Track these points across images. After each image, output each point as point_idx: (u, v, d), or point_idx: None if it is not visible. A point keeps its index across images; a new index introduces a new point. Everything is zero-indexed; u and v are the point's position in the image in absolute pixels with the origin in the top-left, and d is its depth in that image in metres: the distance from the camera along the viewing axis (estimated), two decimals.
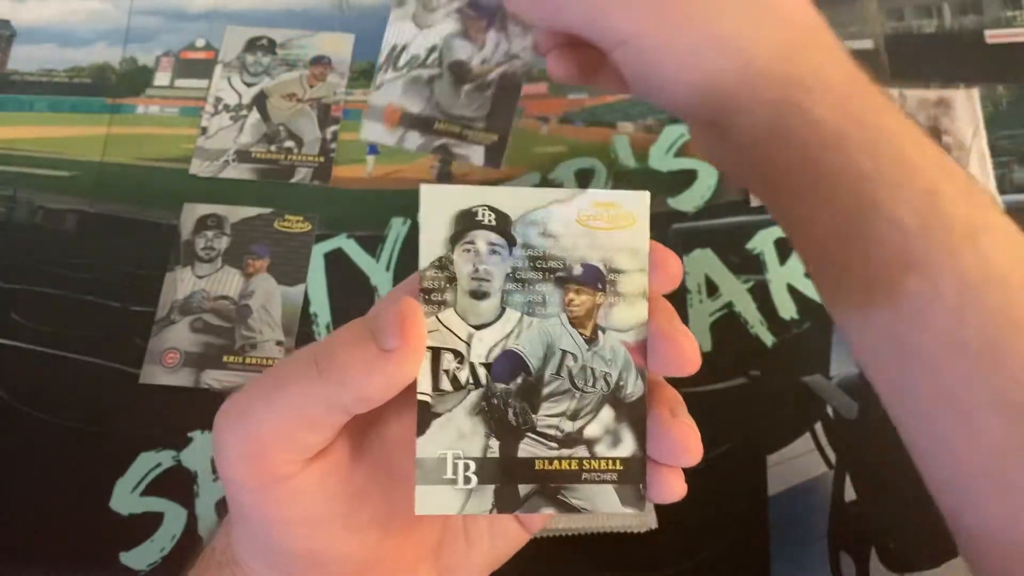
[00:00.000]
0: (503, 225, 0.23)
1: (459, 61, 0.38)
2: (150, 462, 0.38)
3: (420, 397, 0.22)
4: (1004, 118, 0.45)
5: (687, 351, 0.22)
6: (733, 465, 0.37)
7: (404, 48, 0.39)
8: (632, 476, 0.23)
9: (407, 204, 0.43)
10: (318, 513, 0.23)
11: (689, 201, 0.43)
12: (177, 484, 0.37)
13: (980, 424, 0.26)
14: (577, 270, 0.23)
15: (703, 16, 0.30)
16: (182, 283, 0.41)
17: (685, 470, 0.29)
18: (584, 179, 0.44)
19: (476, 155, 0.38)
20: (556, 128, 0.46)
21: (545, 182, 0.44)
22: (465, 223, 0.23)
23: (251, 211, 0.43)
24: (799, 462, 0.38)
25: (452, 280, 0.23)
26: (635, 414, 0.23)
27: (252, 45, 0.47)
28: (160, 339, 0.40)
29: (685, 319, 0.40)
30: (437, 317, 0.22)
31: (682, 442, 0.22)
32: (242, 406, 0.22)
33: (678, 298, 0.41)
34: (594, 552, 0.35)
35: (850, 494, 0.37)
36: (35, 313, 0.41)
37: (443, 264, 0.23)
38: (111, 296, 0.41)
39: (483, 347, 0.23)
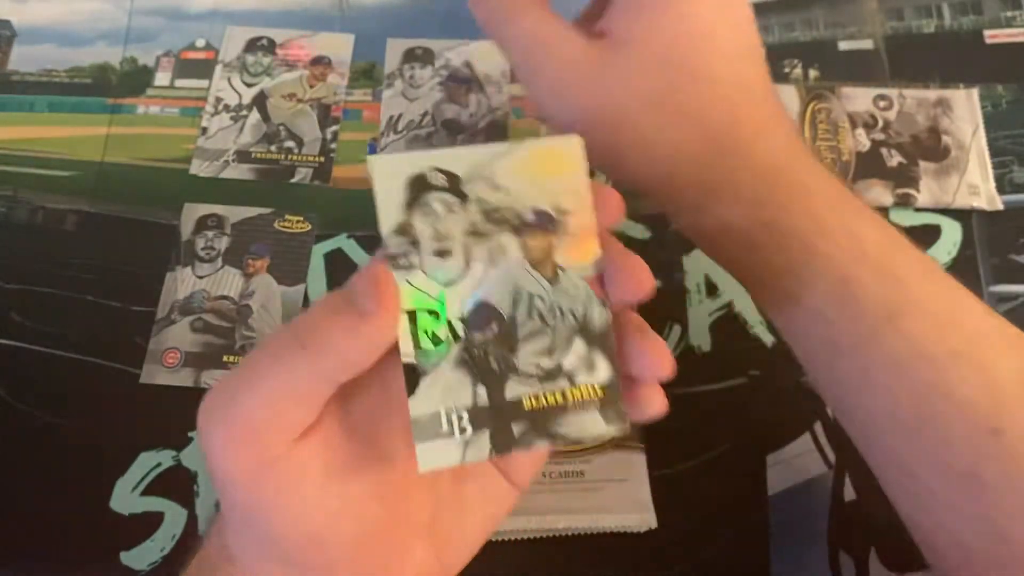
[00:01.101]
0: (454, 185, 0.24)
1: (450, 119, 0.45)
2: (150, 462, 0.38)
3: (404, 359, 0.23)
4: (1003, 118, 0.45)
5: (639, 274, 0.24)
6: (733, 465, 0.37)
7: (399, 116, 0.46)
8: (612, 397, 0.24)
9: None
10: (312, 493, 0.23)
11: None
12: (177, 484, 0.37)
13: (922, 485, 0.28)
14: (529, 216, 0.24)
15: (633, 144, 0.30)
16: (182, 283, 0.41)
17: (684, 469, 0.29)
18: None
19: None
20: None
21: None
22: (418, 187, 0.24)
23: (251, 211, 0.43)
24: (799, 462, 0.38)
25: (415, 243, 0.23)
26: (604, 341, 0.24)
27: (252, 45, 0.47)
28: (160, 339, 0.40)
29: (685, 319, 0.40)
30: (407, 280, 0.23)
31: (654, 356, 0.24)
32: (226, 394, 0.23)
33: (678, 298, 0.41)
34: (594, 552, 0.35)
35: (850, 494, 0.37)
36: (35, 313, 0.41)
37: (404, 229, 0.23)
38: (111, 296, 0.41)
39: (456, 302, 0.24)
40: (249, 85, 0.46)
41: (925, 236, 0.42)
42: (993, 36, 0.48)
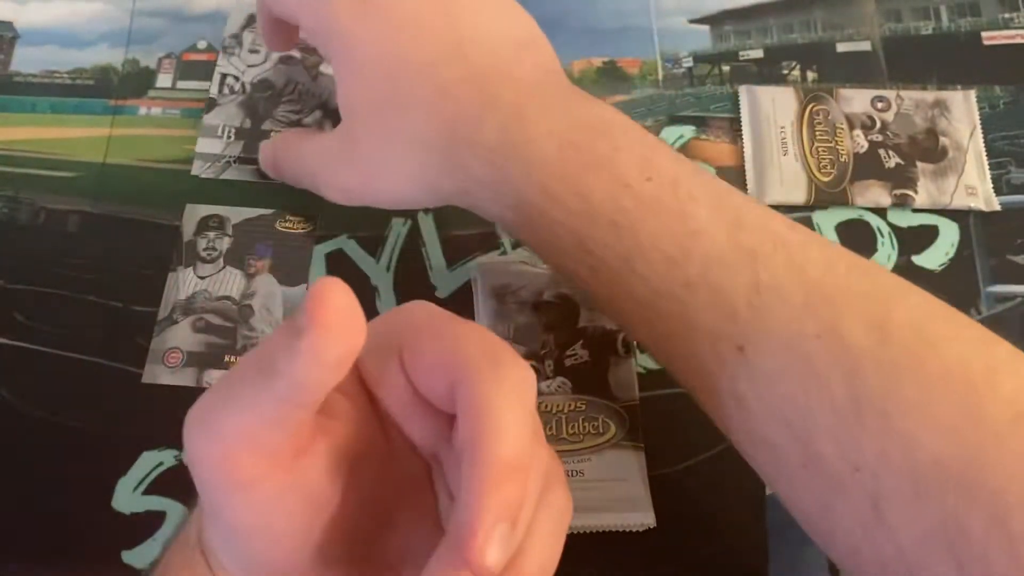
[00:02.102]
0: None
1: None
2: (152, 461, 0.38)
3: (208, 97, 0.44)
4: (1001, 119, 0.45)
5: None
6: (731, 465, 0.37)
7: None
8: None
9: None
10: (278, 526, 0.23)
11: None
12: (179, 483, 0.38)
13: (703, 408, 0.31)
14: (307, 44, 0.44)
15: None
16: (184, 283, 0.41)
17: (683, 469, 0.29)
18: None
19: None
20: None
21: None
22: (249, 19, 0.46)
23: (253, 212, 0.43)
24: None
25: (240, 42, 0.45)
26: (335, 116, 0.40)
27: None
28: (162, 339, 0.40)
29: None
30: (229, 61, 0.45)
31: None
32: (205, 410, 0.23)
33: None
34: (592, 552, 0.36)
35: None
36: (37, 313, 0.41)
37: (236, 36, 0.46)
38: (113, 296, 0.41)
39: (251, 75, 0.45)
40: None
41: (923, 237, 0.42)
42: (991, 38, 0.48)
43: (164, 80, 0.47)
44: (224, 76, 0.45)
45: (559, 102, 0.31)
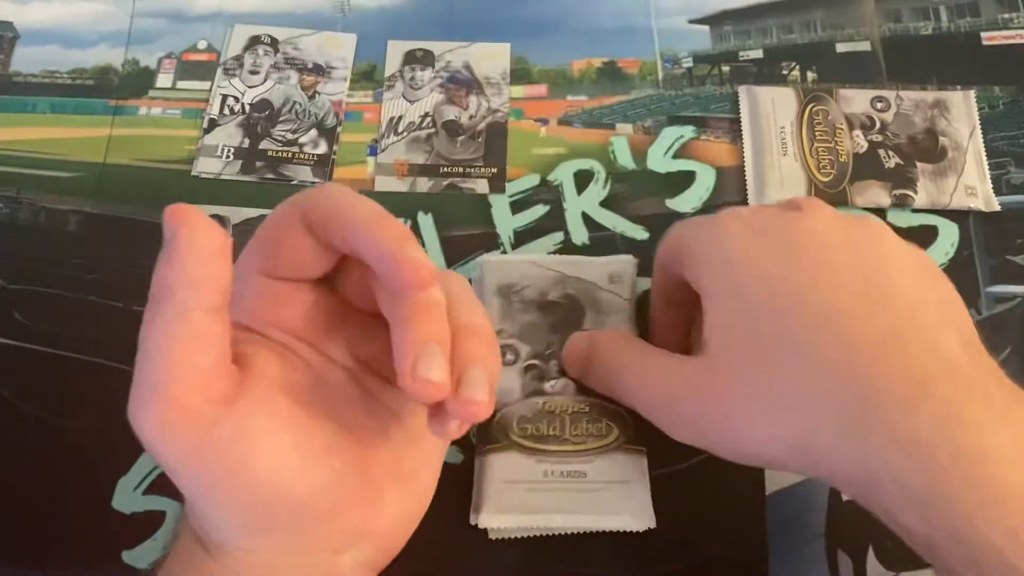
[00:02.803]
0: (273, 42, 0.47)
1: (450, 120, 0.46)
2: (152, 461, 0.38)
3: (207, 116, 0.45)
4: (1000, 119, 0.45)
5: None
6: (731, 463, 0.37)
7: (400, 118, 0.46)
8: (322, 163, 0.44)
9: (409, 204, 0.43)
10: (265, 453, 0.23)
11: (687, 202, 0.44)
12: None
13: None
14: (310, 64, 0.47)
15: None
16: None
17: (683, 469, 0.28)
18: (583, 180, 0.44)
19: (481, 186, 0.44)
20: (555, 129, 0.46)
21: (544, 183, 0.44)
22: (251, 42, 0.47)
23: (253, 212, 0.43)
24: None
25: (241, 64, 0.46)
26: (330, 134, 0.45)
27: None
28: None
29: None
30: (230, 82, 0.46)
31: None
32: (136, 386, 0.23)
33: None
34: (592, 551, 0.36)
35: None
36: (37, 313, 0.41)
37: (237, 57, 0.46)
38: (114, 296, 0.41)
39: (250, 96, 0.46)
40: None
41: (922, 237, 0.43)
42: (990, 38, 0.48)
43: (164, 80, 0.48)
44: (225, 97, 0.45)
45: (1005, 407, 0.25)
